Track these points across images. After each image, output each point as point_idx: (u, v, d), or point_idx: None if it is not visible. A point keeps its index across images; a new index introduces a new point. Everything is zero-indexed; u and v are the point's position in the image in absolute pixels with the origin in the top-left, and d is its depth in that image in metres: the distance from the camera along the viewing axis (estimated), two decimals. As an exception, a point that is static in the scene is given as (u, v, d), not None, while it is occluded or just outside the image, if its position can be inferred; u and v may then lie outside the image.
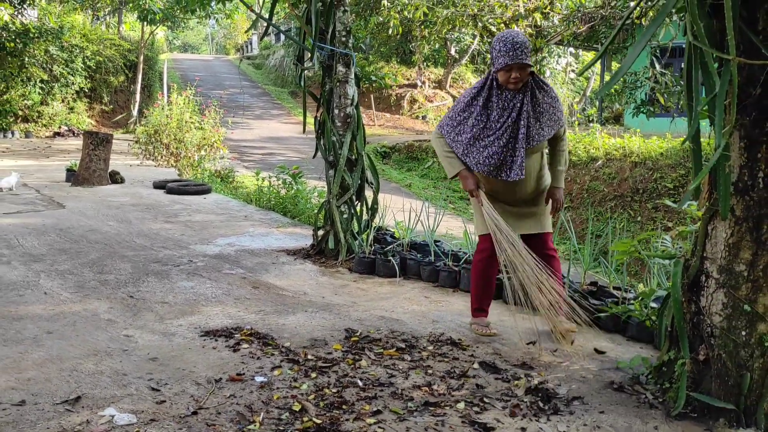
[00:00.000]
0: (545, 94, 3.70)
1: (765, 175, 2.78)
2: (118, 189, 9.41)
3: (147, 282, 4.84)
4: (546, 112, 3.69)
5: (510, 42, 3.55)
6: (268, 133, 20.96)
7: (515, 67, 3.56)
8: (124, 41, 22.59)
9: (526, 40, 3.62)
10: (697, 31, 2.60)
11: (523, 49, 3.56)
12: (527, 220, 3.87)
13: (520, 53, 3.55)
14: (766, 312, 2.88)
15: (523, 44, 3.57)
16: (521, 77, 3.59)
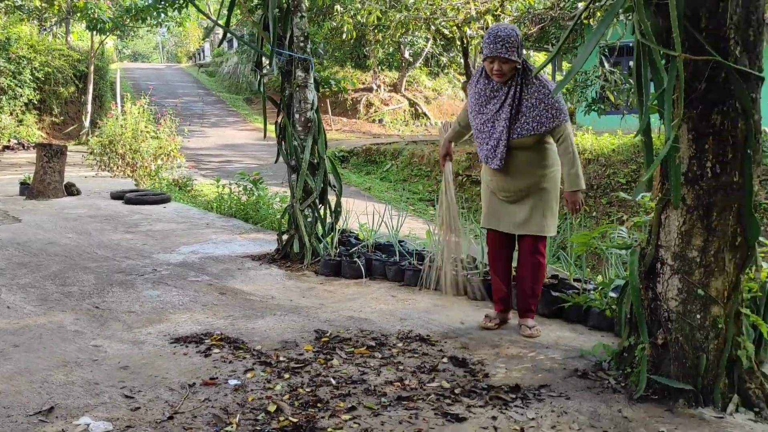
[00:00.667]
0: (536, 90, 3.75)
1: (712, 165, 2.93)
2: (75, 201, 9.27)
3: (112, 292, 4.81)
4: (534, 107, 3.74)
5: (493, 35, 3.68)
6: (225, 140, 20.82)
7: (496, 59, 3.69)
8: (73, 51, 22.16)
9: (512, 35, 3.69)
10: (644, 30, 2.74)
11: (504, 43, 3.66)
12: (514, 217, 3.94)
13: (500, 47, 3.66)
14: (718, 295, 3.03)
15: (506, 38, 3.66)
16: (503, 70, 3.71)
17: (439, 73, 29.33)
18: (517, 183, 3.88)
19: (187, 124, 15.43)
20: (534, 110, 3.74)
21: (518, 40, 3.71)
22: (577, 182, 3.78)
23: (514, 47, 3.68)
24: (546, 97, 3.73)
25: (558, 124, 3.74)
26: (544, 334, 4.02)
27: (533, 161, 3.84)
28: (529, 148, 3.82)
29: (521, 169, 3.85)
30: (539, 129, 3.75)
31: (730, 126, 2.87)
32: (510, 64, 3.71)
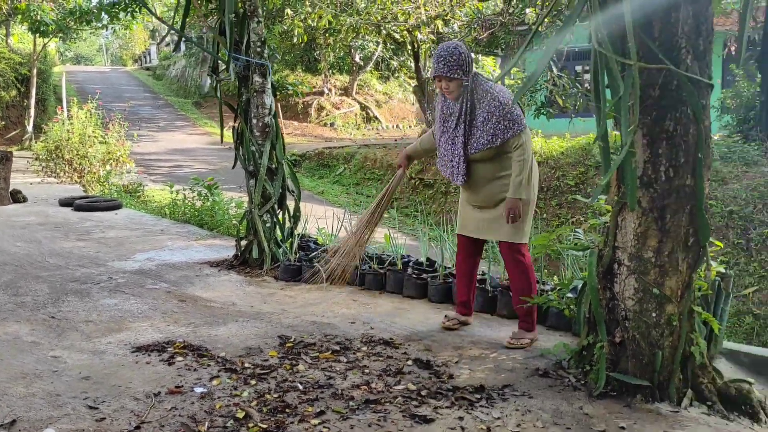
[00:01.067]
0: (488, 104, 3.78)
1: (666, 169, 3.05)
2: (22, 208, 9.02)
3: (67, 302, 4.71)
4: (487, 120, 3.77)
5: (437, 54, 3.79)
6: (174, 145, 20.51)
7: (442, 78, 3.79)
8: (14, 54, 21.51)
9: (455, 53, 3.75)
10: (602, 39, 2.84)
11: (446, 62, 3.74)
12: (484, 225, 3.98)
13: (442, 66, 3.76)
14: (672, 294, 3.15)
15: (447, 57, 3.75)
16: (450, 88, 3.81)
17: (390, 77, 29.46)
18: (485, 194, 3.93)
19: (136, 129, 15.14)
20: (487, 123, 3.78)
21: (461, 58, 3.76)
22: (518, 190, 3.77)
23: (456, 65, 3.74)
24: (497, 108, 3.76)
25: (512, 134, 3.76)
26: (505, 335, 4.08)
27: (497, 171, 3.87)
28: (491, 159, 3.86)
29: (486, 180, 3.90)
30: (494, 141, 3.78)
31: (682, 131, 2.99)
32: (455, 82, 3.78)
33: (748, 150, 10.90)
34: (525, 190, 3.79)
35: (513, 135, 3.76)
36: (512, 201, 3.79)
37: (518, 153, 3.78)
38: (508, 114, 3.75)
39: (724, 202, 9.83)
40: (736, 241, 9.47)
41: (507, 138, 3.77)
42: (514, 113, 3.76)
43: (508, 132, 3.76)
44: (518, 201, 3.78)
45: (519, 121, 3.77)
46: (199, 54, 30.16)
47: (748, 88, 11.79)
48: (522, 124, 3.79)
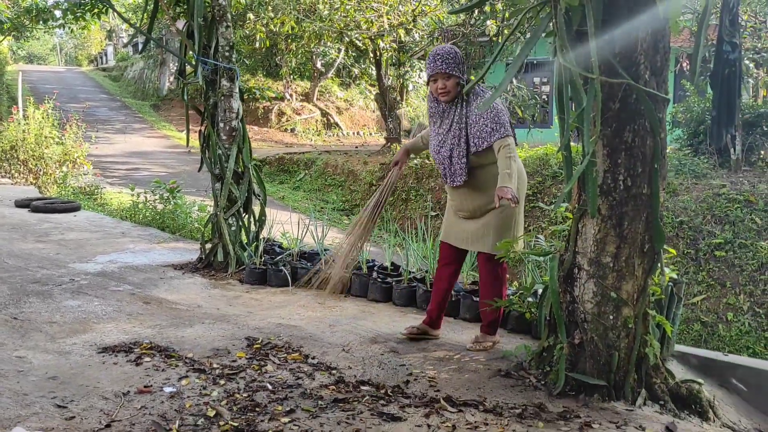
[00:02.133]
0: (477, 106, 3.80)
1: (624, 178, 3.20)
2: (-24, 209, 8.83)
3: (29, 303, 4.66)
4: (475, 123, 3.80)
5: (432, 55, 3.81)
6: (132, 147, 20.20)
7: (438, 76, 3.81)
8: (-34, 51, 20.96)
9: (451, 52, 3.80)
10: (566, 54, 2.98)
11: (444, 59, 3.77)
12: (469, 236, 3.97)
13: (440, 63, 3.78)
14: (629, 297, 3.30)
15: (445, 55, 3.78)
16: (447, 87, 3.82)
17: (351, 84, 29.56)
18: (473, 201, 3.93)
19: (93, 131, 14.89)
20: (475, 126, 3.81)
21: (458, 57, 3.82)
22: (505, 180, 3.61)
23: (454, 62, 3.78)
24: (487, 112, 3.78)
25: (497, 137, 3.76)
26: (467, 337, 4.21)
27: (487, 180, 3.85)
28: (481, 166, 3.86)
29: (476, 187, 3.90)
30: (481, 144, 3.79)
31: (640, 143, 3.16)
32: (453, 80, 3.81)
33: (698, 163, 11.29)
34: (513, 183, 3.66)
35: (499, 138, 3.76)
36: (503, 189, 3.58)
37: (503, 153, 3.72)
38: (495, 117, 3.77)
39: (675, 213, 10.17)
40: (686, 251, 9.81)
41: (493, 141, 3.76)
42: (501, 117, 3.79)
43: (495, 135, 3.76)
44: (509, 189, 3.57)
45: (504, 125, 3.78)
46: (158, 56, 29.81)
47: (699, 103, 12.23)
48: (507, 129, 3.79)
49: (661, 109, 3.19)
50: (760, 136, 11.62)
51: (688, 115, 12.49)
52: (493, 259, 3.91)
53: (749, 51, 11.73)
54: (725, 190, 10.19)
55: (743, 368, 3.88)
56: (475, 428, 2.93)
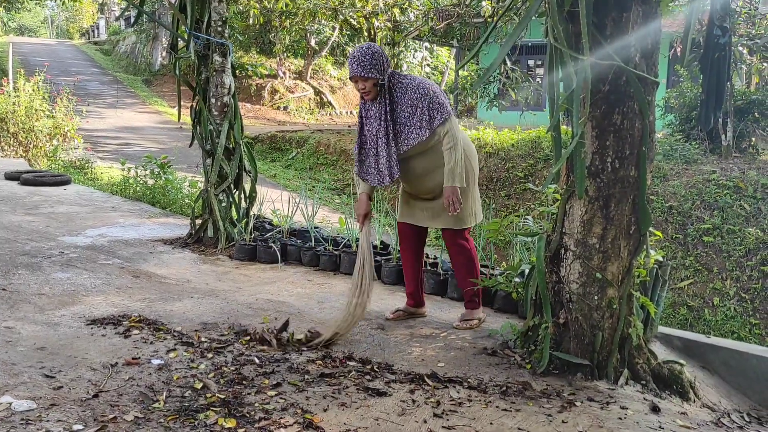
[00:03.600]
0: (409, 98, 3.75)
1: (612, 160, 3.23)
2: (-35, 181, 8.79)
3: (18, 274, 4.66)
4: (412, 115, 3.75)
5: (351, 56, 3.75)
6: (123, 122, 20.09)
7: (357, 79, 3.76)
8: (-45, 21, 20.70)
9: (367, 53, 3.72)
10: (557, 34, 2.99)
11: (360, 62, 3.69)
12: (426, 214, 3.97)
13: (356, 66, 3.70)
14: (613, 279, 3.34)
15: (360, 57, 3.70)
16: (366, 88, 3.75)
17: (345, 63, 29.40)
18: (425, 186, 3.91)
19: (84, 105, 14.80)
20: (413, 118, 3.75)
21: (374, 57, 3.72)
22: (452, 178, 3.76)
23: (369, 64, 3.70)
24: (419, 100, 3.73)
25: (439, 122, 3.73)
26: (454, 316, 4.25)
27: (434, 163, 3.83)
28: (425, 152, 3.82)
29: (424, 174, 3.87)
30: (423, 135, 3.75)
31: (628, 125, 3.18)
32: (370, 81, 3.73)
33: (689, 149, 11.34)
34: (459, 177, 3.77)
35: (439, 123, 3.74)
36: (448, 189, 3.77)
37: (446, 141, 3.76)
38: (430, 104, 3.73)
39: (665, 198, 10.23)
40: (674, 236, 9.89)
41: (434, 128, 3.74)
42: (436, 101, 3.74)
43: (434, 121, 3.73)
44: (455, 189, 3.77)
45: (443, 110, 3.75)
46: (151, 30, 29.54)
47: (692, 88, 12.25)
48: (446, 111, 3.76)
49: (650, 91, 3.21)
50: (751, 122, 11.68)
51: (680, 100, 12.52)
52: (456, 233, 3.96)
53: (743, 37, 11.74)
54: (715, 176, 10.25)
55: (725, 350, 3.94)
56: (459, 404, 2.97)
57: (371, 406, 2.92)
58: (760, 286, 8.98)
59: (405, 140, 3.80)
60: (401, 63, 24.29)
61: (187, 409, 2.78)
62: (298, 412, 2.80)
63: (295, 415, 2.78)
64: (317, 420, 2.73)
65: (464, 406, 2.96)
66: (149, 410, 2.76)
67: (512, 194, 12.87)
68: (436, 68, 31.52)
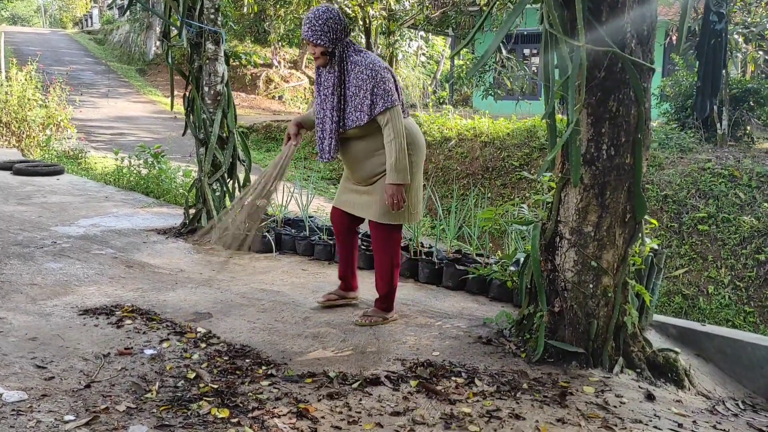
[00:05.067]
0: (356, 77, 3.54)
1: (608, 147, 3.20)
2: (-43, 171, 8.73)
3: (10, 264, 4.63)
4: (355, 95, 3.53)
5: (308, 17, 3.52)
6: (117, 112, 19.97)
7: (308, 42, 3.56)
8: (-53, 10, 20.51)
9: (321, 17, 3.50)
10: (552, 21, 2.96)
11: (312, 26, 3.49)
12: (358, 202, 3.77)
13: (307, 29, 3.51)
14: (609, 267, 3.33)
15: (313, 21, 3.49)
16: (316, 54, 3.55)
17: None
18: (360, 172, 3.70)
19: (78, 94, 14.70)
20: (355, 98, 3.53)
21: (328, 24, 3.50)
22: (393, 175, 3.50)
23: (321, 31, 3.49)
24: (365, 82, 3.50)
25: (379, 110, 3.49)
26: (449, 305, 4.24)
27: (372, 149, 3.63)
28: (363, 137, 3.62)
29: (361, 158, 3.66)
30: (362, 119, 3.52)
31: (624, 112, 3.15)
32: (319, 48, 3.53)
33: (684, 137, 11.33)
34: (403, 174, 3.51)
35: (380, 111, 3.49)
36: (389, 187, 3.52)
37: (387, 132, 3.51)
38: (375, 88, 3.48)
39: (660, 187, 10.22)
40: (669, 224, 9.89)
41: (374, 115, 3.51)
42: (381, 87, 3.49)
43: (375, 108, 3.49)
44: (397, 186, 3.51)
45: (387, 97, 3.49)
46: (144, 19, 29.33)
47: (687, 77, 12.22)
48: (390, 99, 3.49)
49: (646, 78, 3.18)
50: (746, 111, 11.66)
51: (676, 89, 12.50)
52: (381, 226, 3.73)
53: (739, 25, 11.70)
54: (710, 164, 10.25)
55: (720, 338, 3.93)
56: (456, 392, 2.96)
57: (366, 394, 2.90)
58: (754, 274, 9.00)
59: (348, 119, 3.58)
60: (397, 52, 24.22)
61: (179, 399, 2.76)
62: (291, 402, 2.79)
63: (289, 404, 2.76)
64: (311, 409, 2.72)
65: (460, 394, 2.95)
66: (142, 400, 2.75)
67: (508, 183, 12.85)
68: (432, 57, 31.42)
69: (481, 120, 14.51)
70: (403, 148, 3.51)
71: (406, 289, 4.59)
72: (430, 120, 15.12)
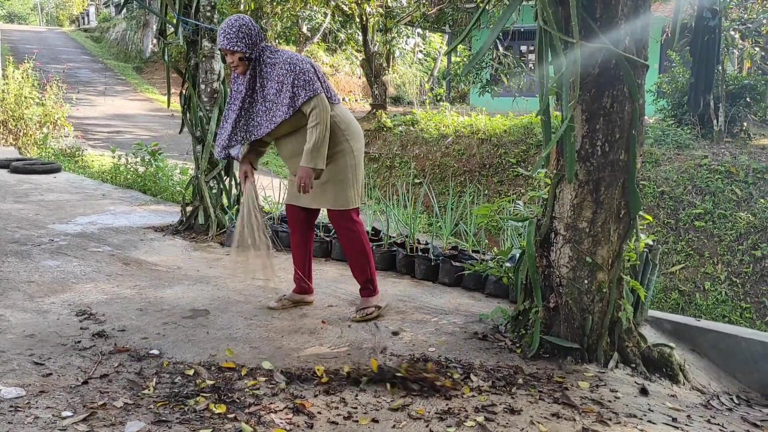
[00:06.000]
0: (276, 74, 3.59)
1: (602, 143, 3.22)
2: (-46, 169, 8.73)
3: (7, 262, 4.64)
4: (279, 92, 3.59)
5: (221, 28, 3.58)
6: (114, 110, 19.94)
7: (225, 52, 3.62)
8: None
9: (235, 25, 3.55)
10: (546, 17, 2.98)
11: (227, 35, 3.55)
12: (310, 195, 3.75)
13: (222, 38, 3.56)
14: (603, 262, 3.35)
15: (227, 30, 3.55)
16: (234, 62, 3.61)
17: (337, 50, 29.26)
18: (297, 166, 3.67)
19: (75, 92, 14.69)
20: (279, 95, 3.59)
21: (242, 30, 3.55)
22: (307, 159, 3.55)
23: (236, 38, 3.54)
24: (285, 77, 3.56)
25: (303, 100, 3.54)
26: (446, 301, 4.26)
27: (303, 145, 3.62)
28: (294, 133, 3.68)
29: (298, 153, 3.66)
30: (287, 113, 3.57)
31: (618, 108, 3.17)
32: (237, 55, 3.59)
33: (681, 134, 11.35)
34: (319, 158, 3.55)
35: (304, 101, 3.54)
36: (301, 169, 3.55)
37: (311, 118, 3.55)
38: (295, 80, 3.54)
39: (657, 183, 10.25)
40: (666, 221, 9.92)
41: (298, 105, 3.55)
42: (301, 78, 3.54)
43: (298, 99, 3.54)
44: (307, 170, 3.54)
45: (308, 86, 3.54)
46: (141, 17, 29.29)
47: (683, 73, 12.24)
48: (312, 88, 3.54)
49: (640, 74, 3.20)
50: (743, 107, 11.69)
51: (672, 85, 12.51)
52: (341, 214, 3.78)
53: (735, 22, 11.72)
54: (707, 161, 10.27)
55: (715, 333, 3.96)
56: (452, 387, 2.98)
57: (361, 390, 2.92)
58: (750, 270, 9.03)
59: (272, 117, 3.62)
60: (394, 49, 24.21)
61: (177, 395, 2.77)
62: (288, 397, 2.80)
63: (285, 400, 2.78)
64: (308, 405, 2.73)
65: (456, 390, 2.96)
66: (139, 396, 2.76)
67: (505, 180, 12.87)
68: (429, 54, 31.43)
69: (478, 117, 14.53)
70: (323, 135, 3.56)
71: (402, 286, 4.61)
72: (428, 117, 15.14)
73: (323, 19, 25.48)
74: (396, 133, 14.90)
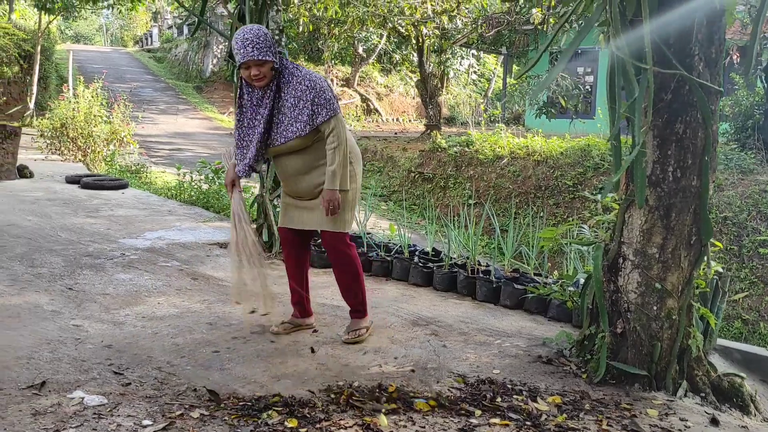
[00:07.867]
0: (294, 88, 3.51)
1: (674, 169, 3.20)
2: (29, 184, 9.11)
3: (83, 275, 4.83)
4: (294, 106, 3.50)
5: (240, 39, 3.43)
6: (175, 128, 20.56)
7: (251, 63, 3.45)
8: (18, 30, 21.47)
9: (260, 34, 3.44)
10: (619, 43, 2.99)
11: (255, 45, 3.41)
12: (305, 215, 3.73)
13: (251, 50, 3.41)
14: (673, 289, 3.31)
15: (254, 39, 3.42)
16: (261, 73, 3.46)
17: (392, 70, 29.56)
18: (303, 185, 3.67)
19: (139, 111, 15.20)
20: (294, 109, 3.51)
21: (268, 38, 3.47)
22: (333, 181, 3.52)
23: (265, 47, 3.43)
24: (304, 93, 3.48)
25: (322, 120, 3.50)
26: (508, 324, 4.26)
27: (314, 161, 3.62)
28: (301, 151, 3.60)
29: (302, 171, 3.64)
30: (303, 129, 3.50)
31: (691, 134, 3.15)
32: (267, 65, 3.46)
33: (744, 158, 11.09)
34: (342, 180, 3.55)
35: (324, 120, 3.50)
36: (329, 192, 3.54)
37: (330, 139, 3.53)
38: (316, 98, 3.48)
39: (719, 208, 10.02)
40: (729, 247, 9.67)
41: (317, 124, 3.51)
42: (322, 97, 3.49)
43: (317, 118, 3.49)
44: (335, 192, 3.54)
45: (329, 106, 3.50)
46: (202, 38, 30.15)
47: (747, 97, 11.98)
48: (332, 108, 3.51)
49: (713, 101, 3.18)
50: (810, 132, 11.36)
51: (736, 109, 12.24)
52: (335, 237, 3.71)
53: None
54: (772, 186, 10.00)
55: (787, 365, 3.86)
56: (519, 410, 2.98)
57: (431, 409, 2.95)
58: (819, 300, 8.72)
59: (284, 132, 3.55)
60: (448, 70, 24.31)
61: (250, 408, 2.85)
62: (357, 414, 2.85)
63: (355, 417, 2.83)
64: (377, 422, 2.77)
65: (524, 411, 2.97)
66: (214, 408, 2.85)
67: (561, 203, 12.75)
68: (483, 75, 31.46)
69: (534, 138, 14.46)
70: (346, 155, 3.57)
71: (464, 307, 4.62)
72: (483, 138, 15.14)
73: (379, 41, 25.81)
74: (451, 153, 14.93)
